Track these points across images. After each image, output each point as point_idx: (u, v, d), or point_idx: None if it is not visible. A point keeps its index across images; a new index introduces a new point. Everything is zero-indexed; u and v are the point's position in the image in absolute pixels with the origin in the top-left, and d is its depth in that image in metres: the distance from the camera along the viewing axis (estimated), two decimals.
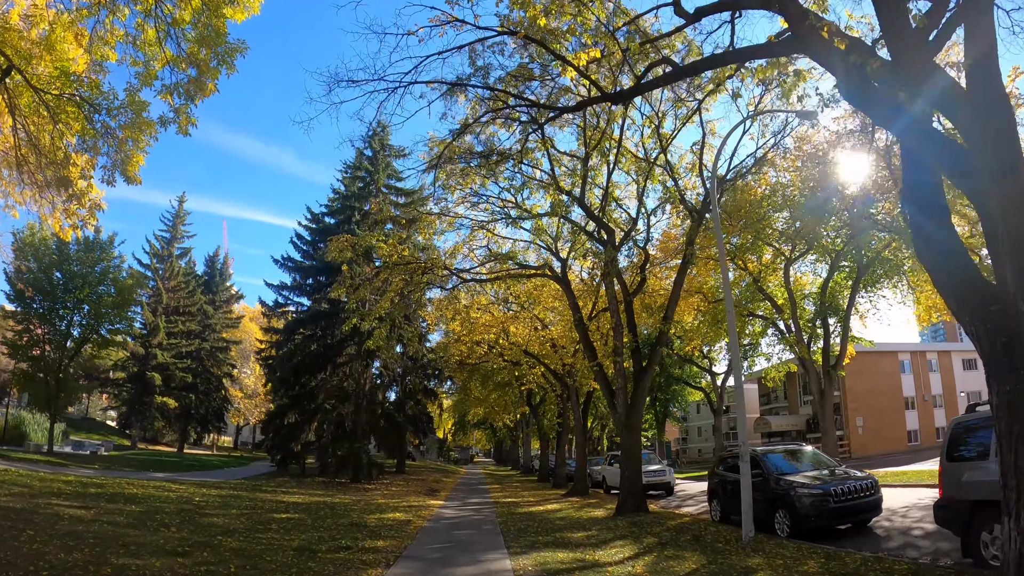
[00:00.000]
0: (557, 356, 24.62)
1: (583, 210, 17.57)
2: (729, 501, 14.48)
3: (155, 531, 10.22)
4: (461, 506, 18.71)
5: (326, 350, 26.45)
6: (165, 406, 46.92)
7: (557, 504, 19.48)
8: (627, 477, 16.09)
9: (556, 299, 24.57)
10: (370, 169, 31.70)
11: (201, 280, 54.67)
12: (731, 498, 14.38)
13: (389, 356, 27.27)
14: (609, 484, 25.74)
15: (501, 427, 68.21)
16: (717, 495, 15.10)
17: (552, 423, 38.47)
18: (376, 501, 18.37)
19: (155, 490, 16.75)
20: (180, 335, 50.28)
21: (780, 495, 12.24)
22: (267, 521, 12.39)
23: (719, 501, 14.94)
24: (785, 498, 12.07)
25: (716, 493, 15.20)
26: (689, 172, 19.28)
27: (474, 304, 22.86)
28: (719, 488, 15.06)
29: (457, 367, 35.96)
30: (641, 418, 16.96)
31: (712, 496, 15.45)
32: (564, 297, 25.70)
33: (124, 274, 34.07)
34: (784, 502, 12.09)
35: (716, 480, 15.39)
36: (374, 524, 12.74)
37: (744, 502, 11.31)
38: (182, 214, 54.65)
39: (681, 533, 12.54)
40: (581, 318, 18.96)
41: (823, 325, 28.99)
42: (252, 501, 16.12)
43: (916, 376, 49.09)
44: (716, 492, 15.20)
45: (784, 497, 12.10)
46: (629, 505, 15.74)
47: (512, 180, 18.98)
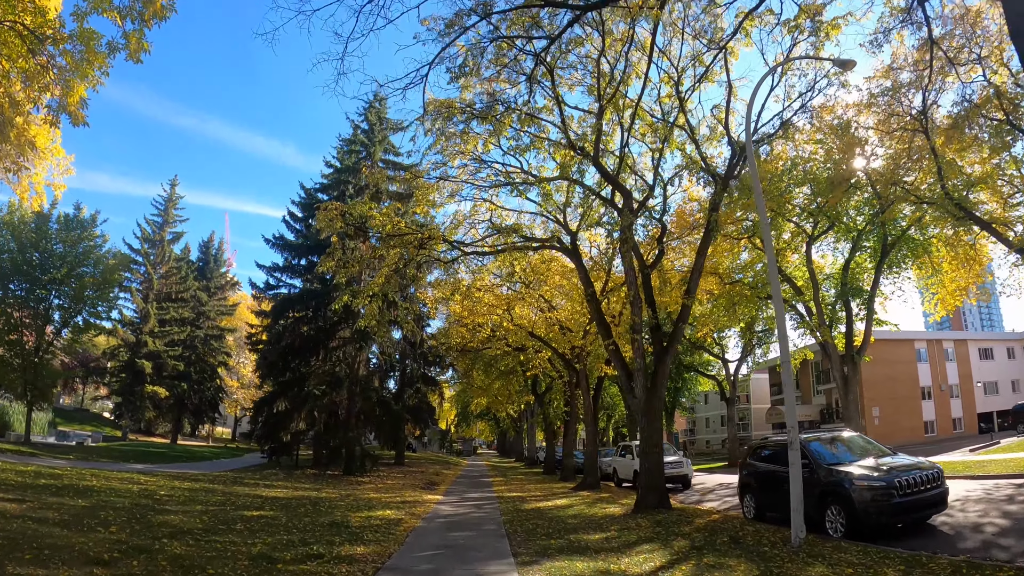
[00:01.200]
0: (566, 339, 22.78)
1: (597, 169, 15.68)
2: (766, 496, 12.75)
3: (88, 531, 8.43)
4: (461, 501, 16.90)
5: (318, 333, 24.58)
6: (156, 395, 45.29)
7: (567, 499, 17.66)
8: (647, 470, 14.27)
9: (564, 277, 22.71)
10: (366, 143, 29.81)
11: (194, 266, 52.91)
12: (768, 493, 12.67)
13: (384, 338, 25.43)
14: (620, 477, 23.97)
15: (504, 417, 66.64)
16: (751, 489, 13.34)
17: (559, 412, 36.70)
18: (366, 496, 16.56)
19: (119, 483, 14.98)
20: (172, 322, 48.58)
21: (832, 489, 10.48)
22: (232, 520, 10.59)
23: (753, 496, 13.18)
24: (839, 492, 10.32)
25: (749, 487, 13.43)
26: (710, 136, 17.45)
27: (476, 282, 20.96)
28: (753, 481, 13.30)
29: (459, 354, 34.26)
30: (663, 403, 15.13)
31: (744, 490, 13.67)
32: (572, 276, 23.97)
33: (111, 255, 32.26)
34: (837, 497, 10.34)
35: (749, 472, 13.61)
36: (358, 524, 10.92)
37: (794, 498, 9.52)
38: (174, 198, 52.82)
39: (715, 534, 10.74)
40: (594, 292, 17.10)
41: (845, 308, 27.40)
42: (225, 496, 14.33)
43: (932, 365, 47.56)
44: (749, 486, 13.44)
45: (837, 491, 10.35)
46: (650, 501, 13.93)
47: (518, 140, 17.11)
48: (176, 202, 52.91)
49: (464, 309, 23.70)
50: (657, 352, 15.40)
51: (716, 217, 16.24)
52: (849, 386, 26.94)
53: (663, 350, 15.37)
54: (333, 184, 27.32)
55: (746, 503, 13.45)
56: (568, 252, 18.02)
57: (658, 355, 15.34)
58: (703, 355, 42.36)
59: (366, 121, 31.21)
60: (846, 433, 12.98)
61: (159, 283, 50.02)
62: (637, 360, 14.94)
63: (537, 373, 28.72)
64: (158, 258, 50.60)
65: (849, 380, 27.09)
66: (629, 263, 15.70)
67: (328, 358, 25.02)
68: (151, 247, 50.53)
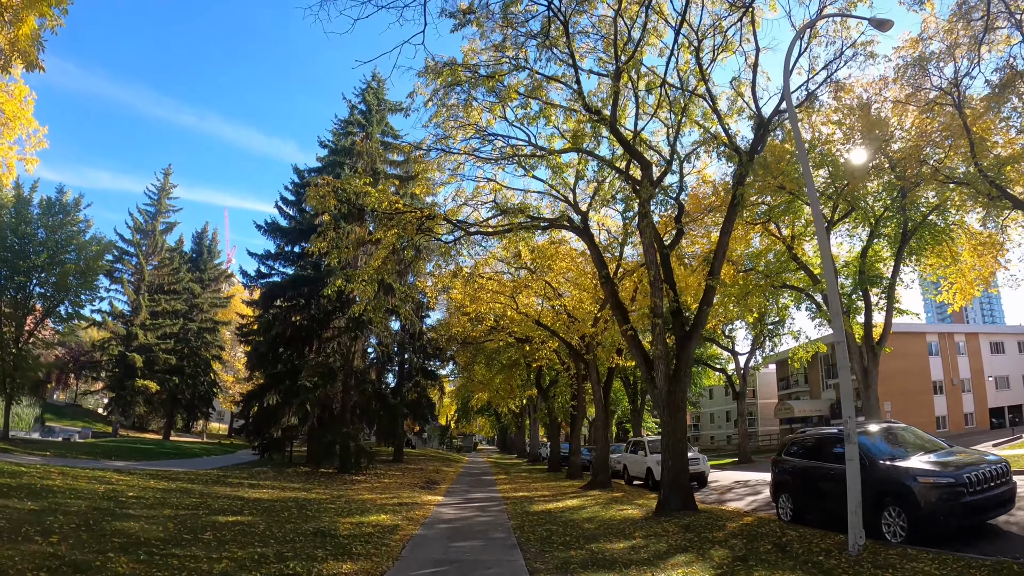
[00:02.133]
0: (574, 328, 21.38)
1: (614, 135, 14.25)
2: (806, 496, 11.38)
3: (22, 542, 7.03)
4: (464, 503, 15.48)
5: (310, 322, 23.10)
6: (147, 390, 43.86)
7: (578, 499, 16.25)
8: (671, 467, 12.84)
9: (573, 262, 21.30)
10: (363, 123, 28.33)
11: (187, 257, 51.42)
12: (809, 492, 11.34)
13: (381, 327, 23.98)
14: (632, 475, 22.59)
15: (506, 413, 65.30)
16: (787, 488, 11.96)
17: (564, 406, 35.29)
18: (360, 497, 15.13)
19: (85, 482, 13.55)
20: (164, 315, 47.13)
21: (890, 487, 9.09)
22: (202, 528, 9.17)
23: (791, 496, 11.80)
24: (899, 491, 8.95)
25: (785, 486, 12.06)
26: (729, 111, 16.09)
27: (479, 267, 19.51)
28: (790, 480, 11.95)
29: (460, 347, 32.87)
30: (686, 394, 13.72)
31: (779, 490, 12.30)
32: (581, 261, 22.57)
33: (95, 241, 30.72)
34: (897, 496, 8.96)
35: (784, 470, 12.26)
36: (347, 533, 9.48)
37: (852, 498, 8.21)
38: (167, 187, 51.33)
39: (755, 541, 9.35)
40: (608, 274, 15.68)
41: (864, 297, 26.19)
42: (202, 497, 12.91)
43: (944, 359, 46.45)
44: (786, 485, 12.07)
45: (897, 490, 8.97)
46: (674, 502, 12.52)
47: (526, 109, 15.69)
48: (169, 191, 51.44)
49: (466, 296, 22.27)
50: (679, 338, 14.00)
51: (743, 191, 14.89)
52: (869, 379, 25.79)
53: (686, 336, 13.97)
54: (328, 166, 25.81)
55: (781, 504, 12.10)
56: (579, 231, 16.58)
57: (680, 341, 13.94)
58: (712, 348, 41.00)
59: (364, 102, 29.77)
60: (897, 424, 11.61)
61: (151, 274, 48.57)
62: (658, 347, 13.51)
63: (542, 365, 27.35)
64: (150, 249, 49.15)
65: (869, 373, 25.94)
66: (649, 240, 14.26)
67: (322, 349, 23.56)
68: (143, 237, 49.06)
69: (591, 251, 16.40)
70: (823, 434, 11.74)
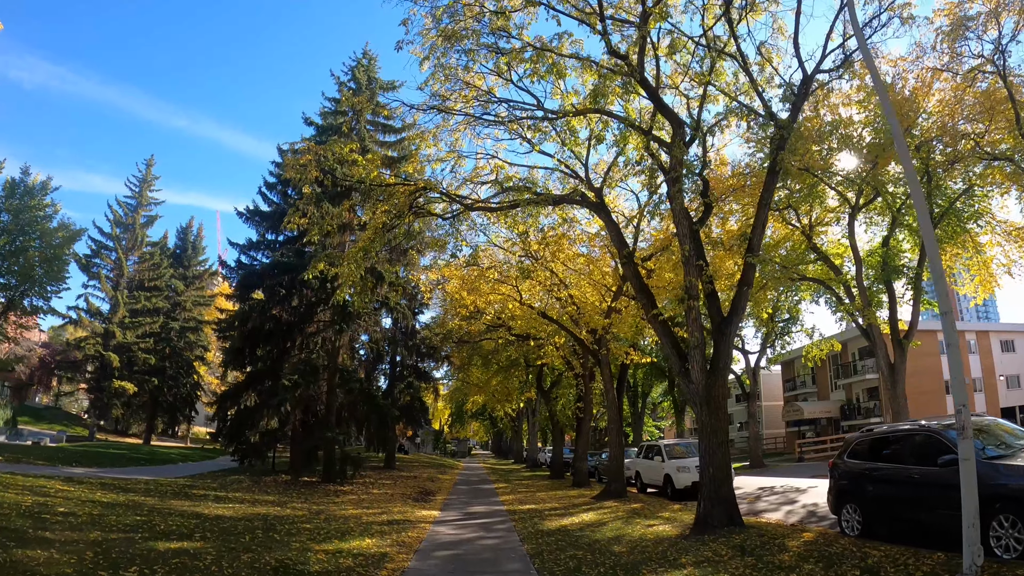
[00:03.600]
0: (583, 320, 19.31)
1: (642, 86, 12.23)
2: (880, 506, 9.48)
3: None
4: (464, 519, 13.31)
5: (292, 315, 20.91)
6: (124, 391, 41.46)
7: (594, 513, 14.12)
8: (712, 476, 10.78)
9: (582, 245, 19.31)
10: (353, 101, 26.19)
11: (170, 252, 49.06)
12: (884, 501, 9.41)
13: (369, 320, 21.81)
14: (646, 482, 20.52)
15: (502, 416, 63.19)
16: (853, 497, 10.03)
17: (566, 408, 33.21)
18: (344, 512, 12.96)
19: (17, 492, 11.36)
20: (144, 312, 44.77)
21: (999, 491, 7.22)
22: (130, 559, 7.05)
23: (859, 506, 9.86)
24: (1012, 495, 7.13)
25: (851, 494, 10.11)
26: (760, 74, 14.18)
27: (478, 253, 17.39)
28: (857, 487, 9.96)
29: (455, 346, 30.79)
30: (726, 387, 11.68)
31: (842, 498, 10.36)
32: (589, 253, 20.59)
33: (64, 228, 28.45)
34: (1010, 502, 7.13)
35: (848, 475, 10.32)
36: (319, 569, 7.31)
37: (968, 508, 6.33)
38: (149, 179, 48.99)
39: (834, 565, 7.40)
40: (630, 253, 13.63)
41: (887, 289, 24.48)
42: (150, 514, 10.73)
43: None
44: (852, 493, 10.11)
45: (1010, 494, 7.16)
46: (717, 517, 10.46)
47: (536, 64, 13.65)
48: (151, 183, 49.07)
49: (464, 287, 20.19)
50: (717, 324, 11.97)
51: (783, 156, 12.89)
52: (896, 376, 24.03)
53: (725, 320, 11.95)
54: (315, 146, 23.61)
55: (846, 516, 10.13)
56: (594, 207, 14.54)
57: (717, 328, 11.92)
58: None
59: (353, 80, 27.66)
60: (986, 419, 9.68)
61: (131, 270, 46.28)
62: (694, 334, 11.47)
63: (545, 364, 25.29)
64: (130, 243, 46.82)
65: (896, 369, 24.18)
66: (680, 211, 12.22)
67: (305, 345, 21.40)
68: (123, 231, 46.74)
69: (608, 228, 14.37)
70: (902, 431, 9.77)
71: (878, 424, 13.55)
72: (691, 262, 11.84)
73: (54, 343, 51.71)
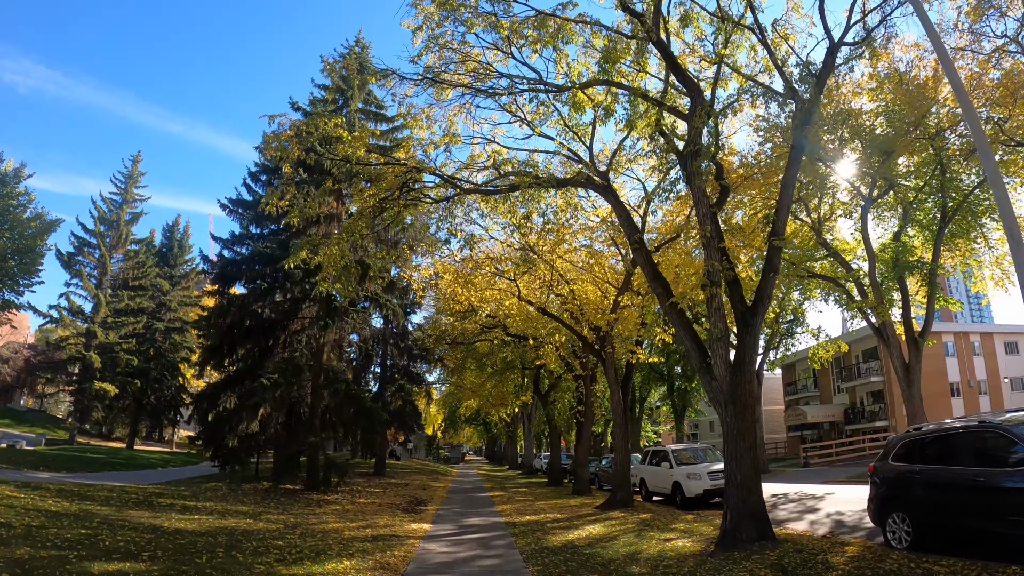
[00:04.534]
0: (585, 319, 18.07)
1: (658, 48, 11.03)
2: (936, 514, 8.28)
3: None
4: (458, 533, 11.93)
5: (275, 310, 19.52)
6: (105, 393, 39.88)
7: (601, 525, 12.79)
8: (739, 484, 9.50)
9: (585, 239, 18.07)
10: (343, 87, 24.96)
11: (155, 250, 47.56)
12: (938, 509, 8.22)
13: (357, 318, 20.45)
14: (651, 490, 19.22)
15: (496, 421, 61.82)
16: (901, 505, 8.90)
17: (564, 412, 31.86)
18: (323, 526, 11.58)
19: None
20: (128, 312, 43.28)
21: None
22: None
23: (908, 515, 8.70)
24: None
25: (898, 502, 8.98)
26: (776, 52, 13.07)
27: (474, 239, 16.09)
28: (905, 493, 8.86)
29: (449, 347, 29.49)
30: (753, 385, 10.42)
31: (886, 506, 9.20)
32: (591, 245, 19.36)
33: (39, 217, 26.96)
34: None
35: (894, 479, 9.16)
36: None
37: None
38: (135, 175, 47.57)
39: None
40: (641, 239, 12.39)
41: (900, 286, 23.51)
42: (98, 528, 9.36)
43: (960, 360, 43.82)
44: (898, 500, 8.99)
45: None
46: (745, 531, 9.18)
47: (541, 30, 12.44)
48: (138, 179, 47.65)
49: (457, 280, 18.89)
50: (741, 315, 10.71)
51: (807, 132, 11.77)
52: (912, 376, 23.06)
53: (749, 310, 10.69)
54: (310, 148, 22.30)
55: (892, 526, 8.92)
56: (601, 189, 13.31)
57: (742, 319, 10.65)
58: None
59: (345, 68, 26.38)
60: None
61: (115, 268, 44.80)
62: (717, 325, 10.22)
63: (544, 364, 23.97)
64: (115, 241, 45.32)
65: (911, 369, 23.21)
66: (700, 188, 11.01)
67: (289, 343, 20.03)
68: (107, 228, 45.25)
69: (617, 212, 13.13)
70: (958, 428, 8.53)
71: (882, 424, 12.42)
72: (713, 244, 10.60)
73: (40, 344, 50.12)
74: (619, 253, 19.05)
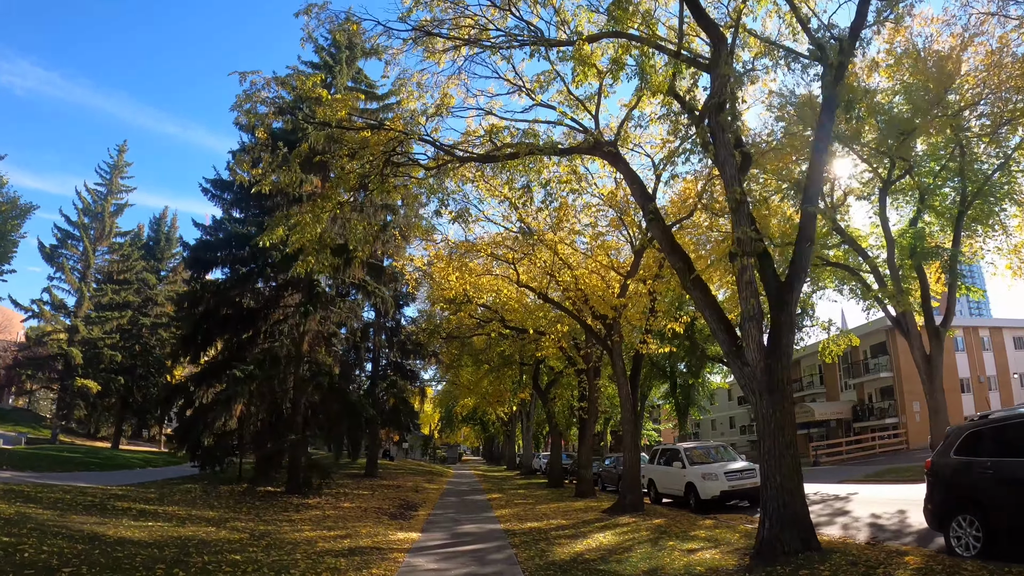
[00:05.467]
0: (588, 307, 16.65)
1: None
2: (1011, 515, 7.01)
3: None
4: (451, 543, 10.40)
5: (255, 298, 17.97)
6: (87, 390, 38.32)
7: (612, 533, 11.34)
8: (779, 487, 8.08)
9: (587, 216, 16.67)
10: (330, 63, 23.50)
11: (140, 243, 46.01)
12: (1019, 509, 6.94)
13: (343, 306, 18.90)
14: (662, 491, 17.82)
15: (494, 420, 60.44)
16: (969, 506, 7.55)
17: (564, 410, 30.45)
18: (295, 536, 10.08)
19: None
20: (112, 306, 41.71)
21: None
22: None
23: (977, 518, 7.34)
24: None
25: (966, 502, 7.64)
26: None
27: (467, 218, 14.68)
28: (974, 492, 7.54)
29: (444, 341, 28.08)
30: (789, 371, 8.98)
31: (950, 508, 7.88)
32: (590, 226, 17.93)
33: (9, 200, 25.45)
34: None
35: (959, 476, 7.89)
36: None
37: None
38: (121, 165, 45.96)
39: None
40: (656, 208, 10.97)
41: (918, 275, 22.29)
42: (30, 534, 7.85)
43: (970, 355, 42.65)
44: (966, 500, 7.66)
45: None
46: (788, 540, 7.77)
47: None
48: (124, 170, 46.03)
49: (450, 264, 17.44)
50: (773, 292, 9.31)
51: (841, 89, 10.42)
52: (933, 368, 21.92)
53: (784, 286, 9.32)
54: (290, 106, 20.81)
55: (958, 531, 7.59)
56: (610, 157, 11.92)
57: (776, 296, 9.26)
58: None
59: (333, 44, 24.97)
60: None
61: (99, 261, 43.27)
62: (749, 301, 8.80)
63: (545, 355, 22.55)
64: (99, 233, 43.72)
65: (933, 361, 22.02)
66: (725, 148, 9.59)
67: (271, 334, 18.55)
68: (91, 220, 43.65)
69: (628, 181, 11.72)
70: None
71: (892, 422, 11.07)
72: (743, 208, 9.18)
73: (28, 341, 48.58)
74: (627, 237, 17.64)
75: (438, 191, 12.20)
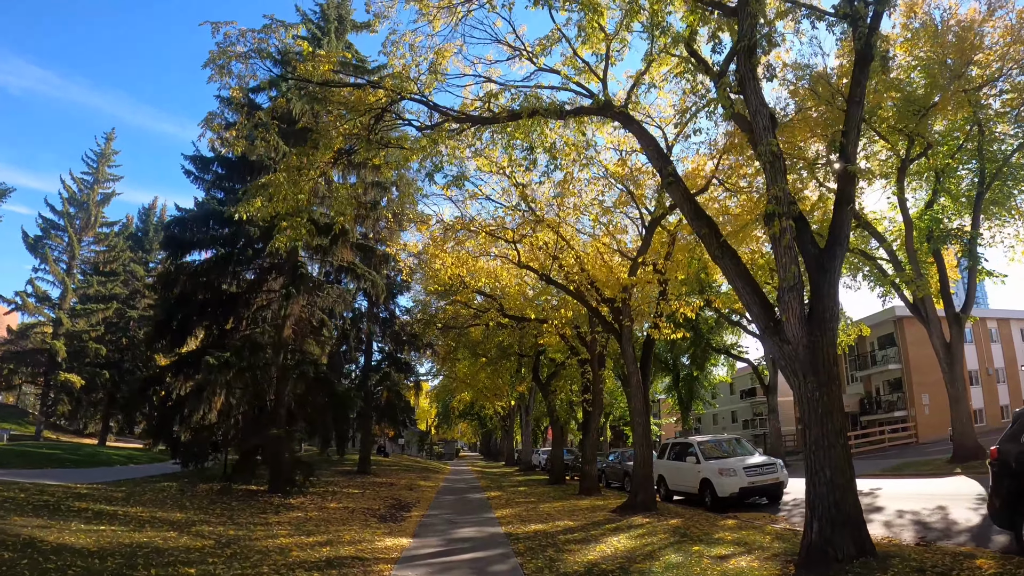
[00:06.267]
0: (599, 283, 15.45)
1: None
2: None
3: None
4: (445, 550, 9.09)
5: (235, 281, 16.68)
6: (70, 385, 37.02)
7: (626, 536, 10.11)
8: (829, 482, 6.87)
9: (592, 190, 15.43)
10: (318, 35, 22.20)
11: (126, 233, 44.68)
12: None
13: (332, 291, 17.65)
14: (673, 488, 16.65)
15: (491, 415, 59.36)
16: None
17: (565, 403, 29.25)
18: (267, 543, 8.81)
19: None
20: (97, 298, 40.41)
21: None
22: None
23: None
24: None
25: None
26: None
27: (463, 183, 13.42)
28: None
29: (439, 333, 26.89)
30: (836, 348, 7.76)
31: (1015, 502, 6.71)
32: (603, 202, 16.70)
33: None
34: None
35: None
36: None
37: None
38: (108, 153, 44.71)
39: None
40: (674, 171, 9.72)
41: (936, 260, 21.30)
42: None
43: (978, 346, 41.59)
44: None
45: None
46: (839, 544, 6.59)
47: None
48: (111, 158, 44.77)
49: (443, 244, 16.21)
50: (812, 259, 8.11)
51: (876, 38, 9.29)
52: (954, 356, 20.97)
53: (823, 253, 8.13)
54: (277, 79, 19.50)
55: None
56: (622, 118, 10.70)
57: (817, 264, 8.06)
58: (740, 333, 35.24)
59: (322, 16, 23.72)
60: None
61: (85, 252, 41.95)
62: (790, 268, 7.58)
63: (546, 344, 21.33)
64: (84, 223, 42.39)
65: (953, 348, 21.02)
66: (758, 98, 8.37)
67: (254, 320, 17.30)
68: (77, 210, 42.32)
69: (642, 143, 10.47)
70: None
71: (901, 415, 9.94)
72: (777, 163, 7.95)
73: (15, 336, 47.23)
74: (635, 215, 16.40)
75: (432, 154, 10.94)
